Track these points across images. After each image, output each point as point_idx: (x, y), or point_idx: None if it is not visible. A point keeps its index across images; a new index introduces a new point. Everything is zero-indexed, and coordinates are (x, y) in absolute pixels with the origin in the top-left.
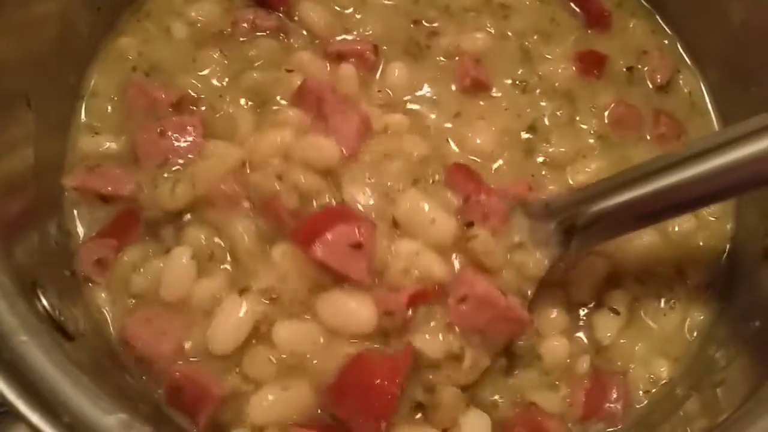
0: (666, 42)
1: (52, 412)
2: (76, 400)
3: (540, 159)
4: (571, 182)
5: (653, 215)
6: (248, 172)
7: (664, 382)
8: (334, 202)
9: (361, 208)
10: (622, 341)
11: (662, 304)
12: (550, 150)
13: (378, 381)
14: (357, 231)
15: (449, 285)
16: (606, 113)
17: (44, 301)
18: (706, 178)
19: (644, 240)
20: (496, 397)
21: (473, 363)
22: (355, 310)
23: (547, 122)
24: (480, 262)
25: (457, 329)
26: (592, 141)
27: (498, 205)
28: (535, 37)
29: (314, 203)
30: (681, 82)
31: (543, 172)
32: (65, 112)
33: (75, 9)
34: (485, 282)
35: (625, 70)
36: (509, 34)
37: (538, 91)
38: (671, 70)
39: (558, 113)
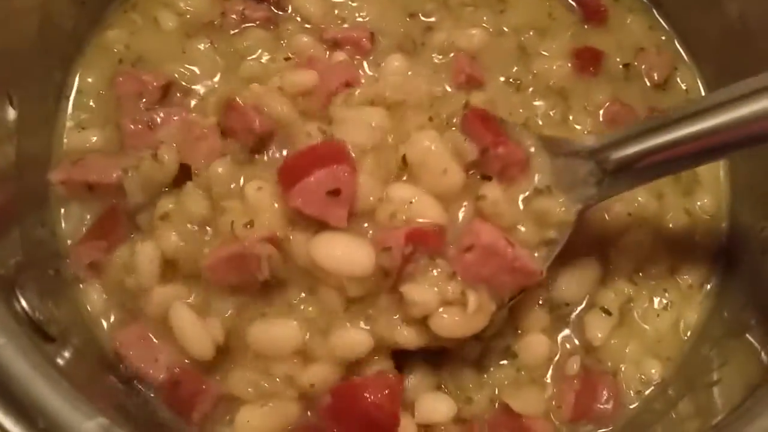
0: (663, 38)
1: (27, 417)
2: (54, 404)
3: None
4: None
5: (691, 158)
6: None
7: (656, 382)
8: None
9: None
10: (613, 341)
11: (655, 305)
12: None
13: (378, 404)
14: (336, 176)
15: (453, 231)
16: (601, 112)
17: (23, 302)
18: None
19: (638, 239)
20: (472, 393)
21: (478, 307)
22: (351, 249)
23: (540, 122)
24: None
25: (459, 278)
26: None
27: (517, 155)
28: (532, 33)
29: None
30: (678, 79)
31: None
32: (50, 108)
33: (57, 3)
34: (493, 231)
35: (621, 67)
36: (505, 29)
37: (531, 89)
38: (669, 67)
39: (551, 112)
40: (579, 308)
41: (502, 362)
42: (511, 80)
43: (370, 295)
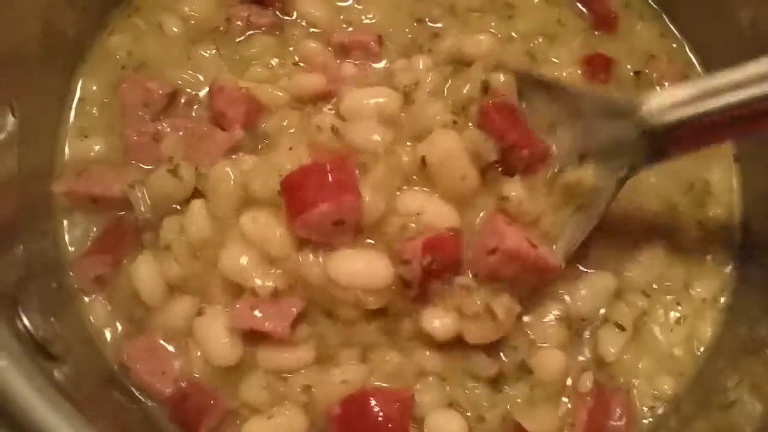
0: (674, 46)
1: None
2: (57, 429)
3: None
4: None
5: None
6: None
7: (669, 398)
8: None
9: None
10: (626, 357)
11: (669, 319)
12: None
13: (388, 418)
14: (341, 209)
15: (470, 233)
16: None
17: (25, 320)
18: None
19: (652, 251)
20: (485, 412)
21: (506, 312)
22: (367, 263)
23: None
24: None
25: (479, 287)
26: None
27: (540, 150)
28: (541, 39)
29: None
30: None
31: None
32: (52, 116)
33: (59, 9)
34: (517, 234)
35: (632, 74)
36: (514, 35)
37: None
38: (679, 75)
39: None
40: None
41: (516, 379)
42: None
43: (394, 317)
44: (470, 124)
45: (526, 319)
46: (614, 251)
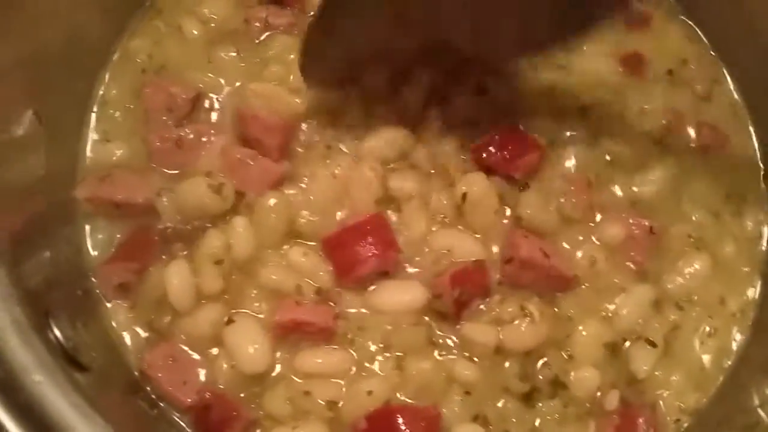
0: (702, 51)
1: None
2: None
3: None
4: (635, 189)
5: None
6: None
7: (694, 412)
8: None
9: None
10: (657, 373)
11: (700, 332)
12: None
13: None
14: (386, 263)
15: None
16: (658, 118)
17: (56, 332)
18: None
19: (697, 263)
20: (511, 427)
21: (541, 313)
22: (403, 292)
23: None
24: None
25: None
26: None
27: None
28: None
29: None
30: (721, 92)
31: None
32: (75, 120)
33: (82, 12)
34: (530, 244)
35: (666, 73)
36: None
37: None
38: (709, 80)
39: (609, 105)
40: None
41: (549, 396)
42: (558, 66)
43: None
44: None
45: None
46: (657, 261)
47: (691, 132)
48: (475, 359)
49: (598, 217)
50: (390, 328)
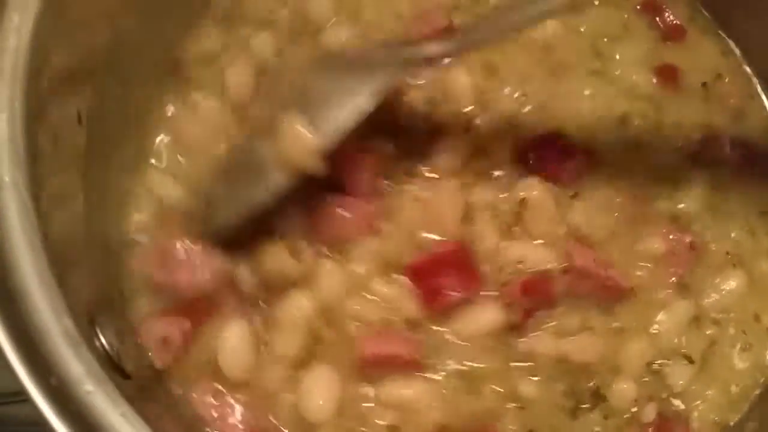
0: (736, 65)
1: None
2: None
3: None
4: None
5: None
6: None
7: (728, 427)
8: None
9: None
10: (693, 387)
11: (736, 348)
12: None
13: None
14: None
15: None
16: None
17: (102, 339)
18: None
19: (731, 283)
20: None
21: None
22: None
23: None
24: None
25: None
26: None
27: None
28: (606, 40)
29: None
30: (755, 108)
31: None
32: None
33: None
34: (585, 255)
35: (700, 86)
36: (582, 29)
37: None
38: (744, 95)
39: (646, 116)
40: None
41: (590, 408)
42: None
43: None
44: None
45: None
46: (696, 276)
47: (726, 147)
48: (536, 375)
49: (641, 231)
50: (469, 351)
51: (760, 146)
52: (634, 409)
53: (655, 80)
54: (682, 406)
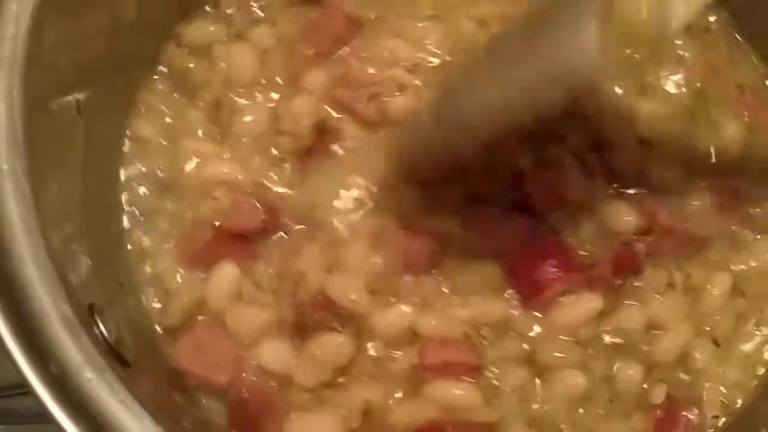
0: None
1: None
2: None
3: None
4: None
5: None
6: None
7: (739, 406)
8: None
9: None
10: (707, 368)
11: (749, 327)
12: None
13: None
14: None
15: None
16: None
17: (101, 326)
18: None
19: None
20: (564, 425)
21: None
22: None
23: None
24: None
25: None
26: None
27: None
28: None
29: None
30: None
31: None
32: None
33: None
34: (666, 212)
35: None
36: None
37: None
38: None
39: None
40: None
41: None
42: None
43: None
44: None
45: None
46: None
47: None
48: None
49: None
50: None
51: None
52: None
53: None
54: (694, 388)
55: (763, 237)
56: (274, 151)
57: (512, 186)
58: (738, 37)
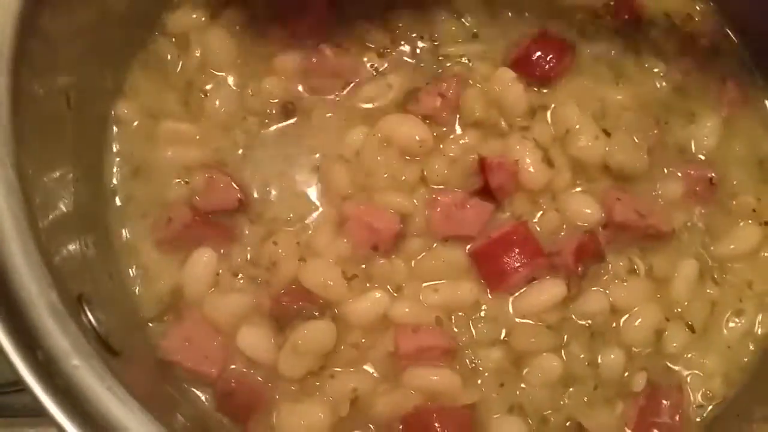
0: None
1: None
2: (130, 426)
3: None
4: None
5: None
6: None
7: (723, 395)
8: None
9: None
10: (687, 355)
11: (728, 316)
12: None
13: None
14: (534, 270)
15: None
16: None
17: (90, 315)
18: None
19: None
20: (549, 411)
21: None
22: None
23: None
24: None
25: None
26: None
27: None
28: None
29: None
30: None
31: None
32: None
33: None
34: (624, 208)
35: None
36: None
37: None
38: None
39: None
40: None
41: (581, 378)
42: None
43: None
44: None
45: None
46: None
47: None
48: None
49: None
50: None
51: None
52: (626, 374)
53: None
54: (674, 375)
55: (740, 226)
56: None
57: (475, 172)
58: (725, 27)
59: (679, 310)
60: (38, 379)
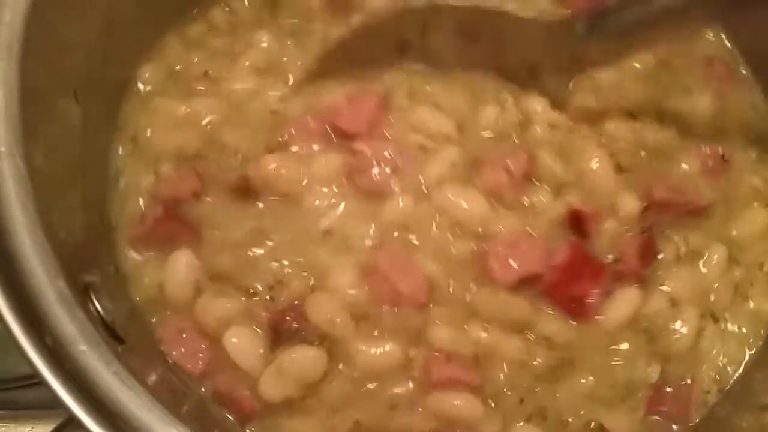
0: None
1: (117, 428)
2: (139, 415)
3: None
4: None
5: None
6: None
7: (732, 381)
8: None
9: None
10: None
11: (747, 295)
12: None
13: None
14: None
15: None
16: None
17: (96, 304)
18: None
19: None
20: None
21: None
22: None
23: None
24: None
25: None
26: None
27: None
28: None
29: None
30: None
31: None
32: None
33: None
34: (663, 186)
35: None
36: None
37: None
38: None
39: None
40: None
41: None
42: None
43: None
44: None
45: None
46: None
47: None
48: None
49: None
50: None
51: None
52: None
53: None
54: (687, 366)
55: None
56: None
57: None
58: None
59: (712, 298)
60: (47, 364)
